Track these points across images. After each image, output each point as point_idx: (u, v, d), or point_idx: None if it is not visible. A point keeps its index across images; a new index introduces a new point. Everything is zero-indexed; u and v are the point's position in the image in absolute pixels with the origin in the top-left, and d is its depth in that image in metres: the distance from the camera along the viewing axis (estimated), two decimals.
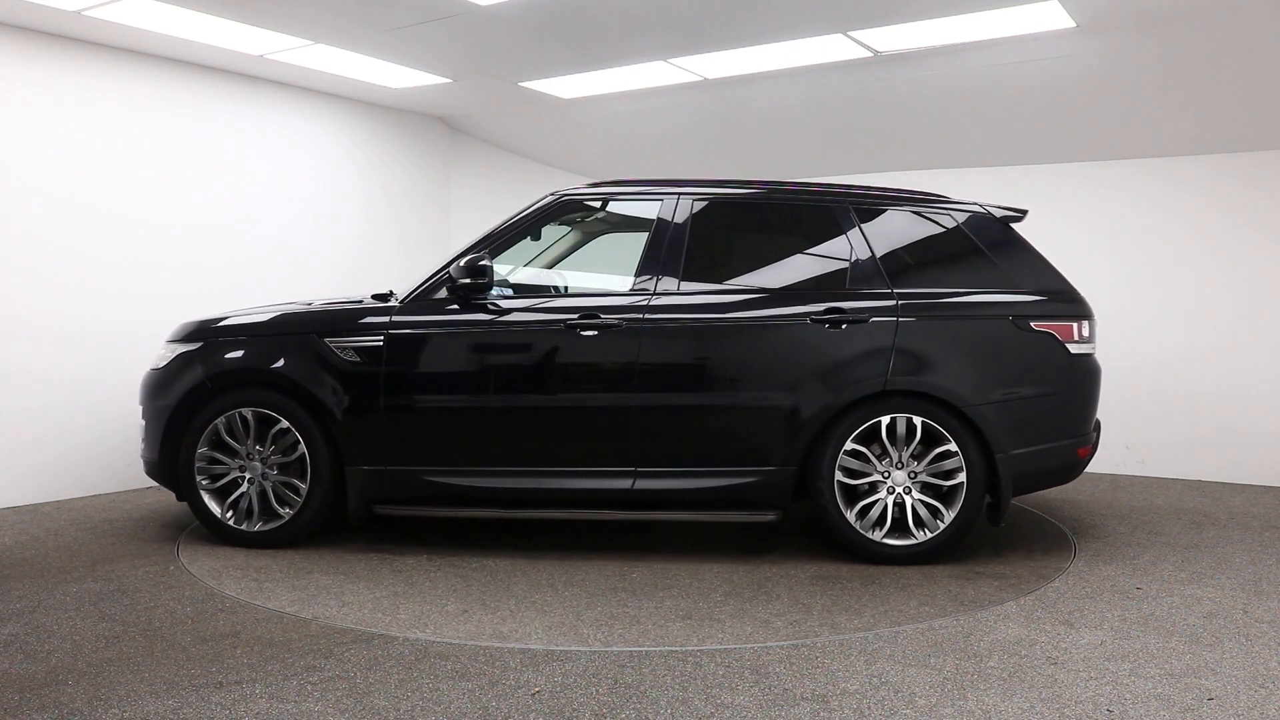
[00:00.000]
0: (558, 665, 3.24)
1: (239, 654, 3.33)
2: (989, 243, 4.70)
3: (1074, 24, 5.14)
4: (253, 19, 5.41)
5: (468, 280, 4.59)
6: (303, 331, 4.77)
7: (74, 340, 5.82)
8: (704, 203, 4.82)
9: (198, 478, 4.75)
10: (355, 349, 4.68)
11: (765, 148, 7.61)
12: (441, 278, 4.75)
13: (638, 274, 4.70)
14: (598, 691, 3.03)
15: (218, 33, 5.64)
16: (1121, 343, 6.48)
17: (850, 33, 5.39)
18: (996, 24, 5.17)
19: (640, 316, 4.57)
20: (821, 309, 4.55)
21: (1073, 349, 4.56)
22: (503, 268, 4.99)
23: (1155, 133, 6.48)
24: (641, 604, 3.92)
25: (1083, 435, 4.63)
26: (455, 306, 4.69)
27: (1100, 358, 4.80)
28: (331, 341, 4.70)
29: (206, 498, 4.76)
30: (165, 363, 4.90)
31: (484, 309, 4.67)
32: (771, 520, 4.57)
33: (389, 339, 4.67)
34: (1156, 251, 6.81)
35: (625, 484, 4.56)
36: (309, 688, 3.05)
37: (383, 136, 7.57)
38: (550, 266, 5.38)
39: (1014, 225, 4.82)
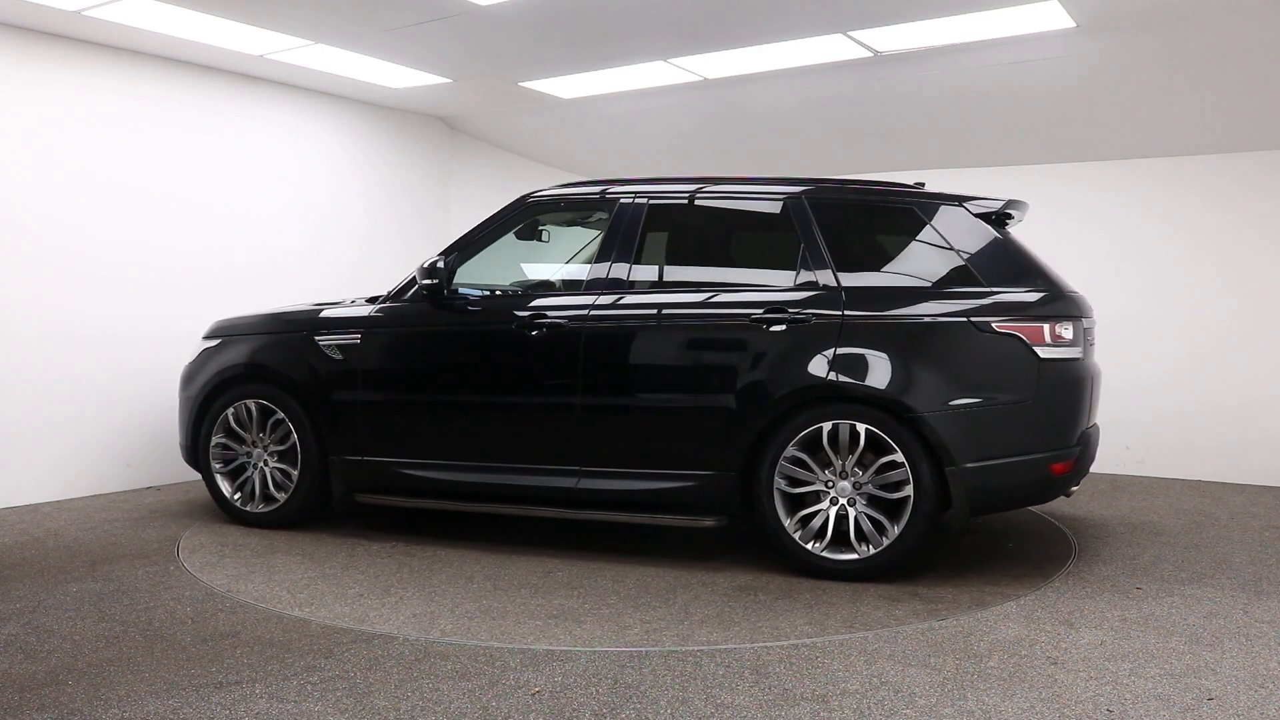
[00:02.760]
0: (558, 665, 3.24)
1: (239, 654, 3.33)
2: (957, 237, 4.33)
3: (1074, 24, 5.14)
4: (253, 19, 5.41)
5: (428, 281, 4.81)
6: (298, 330, 5.13)
7: (74, 341, 5.82)
8: (658, 201, 4.76)
9: (213, 462, 5.22)
10: (339, 347, 5.00)
11: (765, 148, 7.61)
12: (412, 279, 4.98)
13: (589, 274, 4.72)
14: (598, 691, 3.03)
15: (218, 33, 5.64)
16: (1121, 343, 6.48)
17: (850, 33, 5.39)
18: (996, 24, 5.17)
19: (585, 314, 4.58)
20: (763, 308, 4.35)
21: (1043, 353, 4.11)
22: (484, 268, 5.07)
23: (1155, 133, 6.48)
24: (526, 601, 3.96)
25: (1060, 449, 4.18)
26: (425, 306, 4.89)
27: (1100, 359, 4.78)
28: (320, 339, 5.04)
29: (220, 480, 5.23)
30: (194, 357, 5.40)
31: (449, 309, 4.86)
32: (711, 526, 4.41)
33: (364, 337, 4.96)
34: (1156, 251, 6.81)
35: (570, 483, 4.59)
36: (309, 688, 3.05)
37: (383, 136, 7.57)
38: (528, 266, 5.43)
39: (996, 217, 4.41)
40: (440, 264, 4.80)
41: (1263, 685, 3.09)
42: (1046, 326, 4.14)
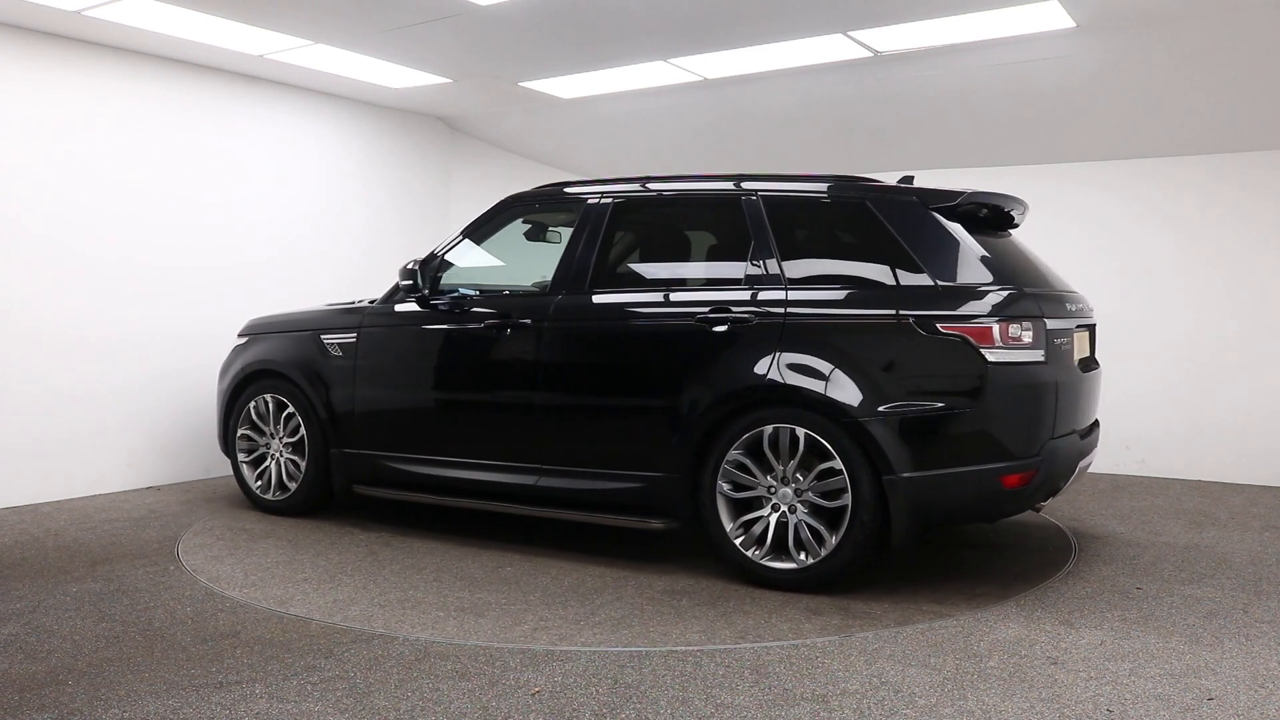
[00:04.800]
0: (558, 665, 3.24)
1: (239, 654, 3.33)
2: (911, 232, 4.08)
3: (1074, 24, 5.14)
4: (253, 19, 5.41)
5: (405, 283, 5.02)
6: (307, 329, 5.40)
7: (74, 340, 5.81)
8: (622, 201, 4.75)
9: (238, 452, 5.57)
10: (340, 345, 5.24)
11: (765, 148, 7.61)
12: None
13: (556, 274, 4.75)
14: (598, 691, 3.03)
15: (218, 33, 5.64)
16: (1121, 343, 6.48)
17: (850, 33, 5.39)
18: (996, 24, 5.17)
19: (545, 314, 4.63)
20: (708, 309, 4.28)
21: (991, 355, 3.81)
22: (470, 269, 5.20)
23: (1155, 133, 6.48)
24: (449, 594, 4.05)
25: (1013, 461, 3.86)
26: (411, 307, 5.07)
27: (1099, 359, 4.77)
28: (324, 338, 5.30)
29: (245, 468, 5.57)
30: (229, 353, 5.75)
31: (431, 309, 5.00)
32: (659, 528, 4.34)
33: (360, 335, 5.18)
34: (1156, 252, 6.81)
35: (530, 480, 4.64)
36: (309, 688, 3.05)
37: (383, 137, 7.57)
38: (510, 267, 5.48)
39: (983, 213, 4.20)
40: (417, 266, 4.97)
41: (1263, 685, 3.09)
42: (996, 327, 3.84)
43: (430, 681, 3.10)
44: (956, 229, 4.10)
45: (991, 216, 4.38)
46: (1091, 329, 4.65)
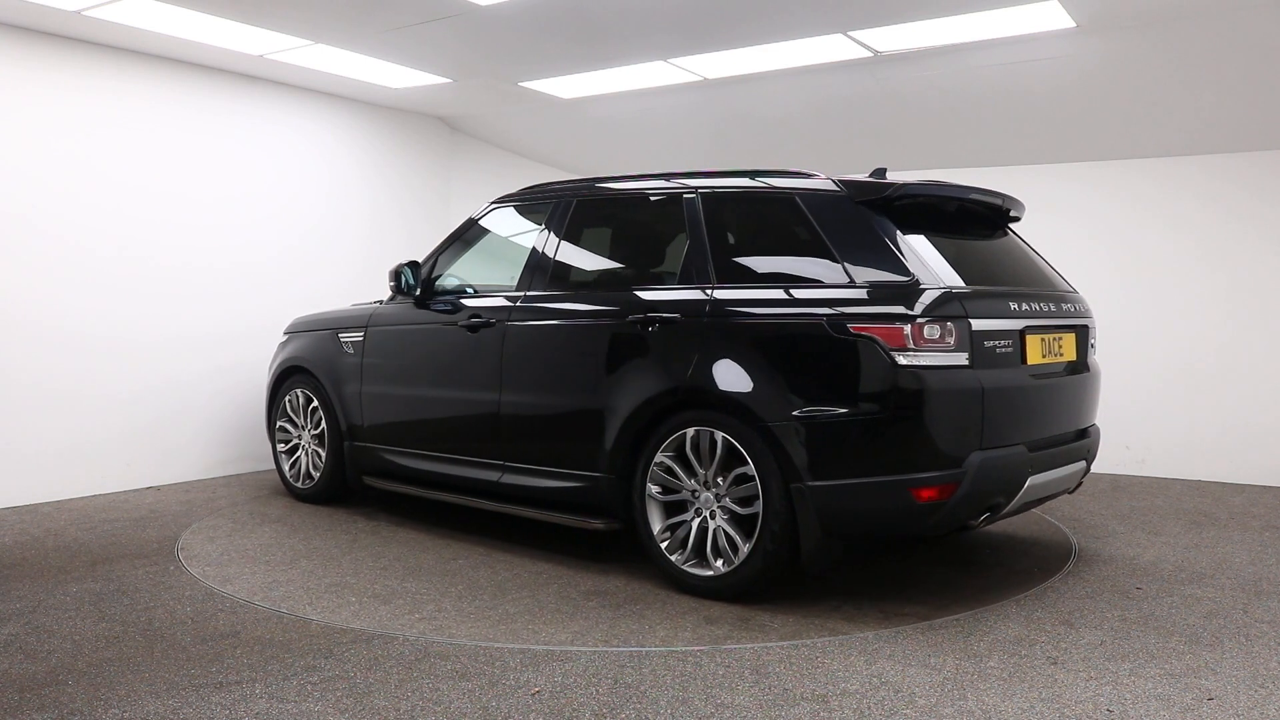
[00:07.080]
0: (558, 665, 3.24)
1: (239, 654, 3.33)
2: (834, 227, 3.88)
3: (1074, 24, 5.14)
4: (253, 19, 5.41)
5: (391, 284, 5.23)
6: (329, 328, 5.68)
7: (74, 340, 5.82)
8: (580, 201, 4.78)
9: (276, 442, 5.96)
10: (351, 343, 5.51)
11: (765, 148, 7.61)
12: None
13: (521, 275, 4.81)
14: (598, 691, 3.03)
15: (218, 33, 5.64)
16: (1121, 342, 6.48)
17: (850, 33, 5.39)
18: (996, 24, 5.17)
19: (509, 312, 4.72)
20: (641, 309, 4.22)
21: (902, 358, 3.56)
22: (462, 269, 5.29)
23: (1155, 133, 6.48)
24: (382, 582, 4.19)
25: (928, 472, 3.58)
26: (406, 306, 5.27)
27: (1099, 359, 4.76)
28: (341, 336, 5.57)
29: (282, 458, 5.96)
30: (276, 349, 6.10)
31: (423, 308, 5.16)
32: (600, 529, 4.30)
33: (366, 334, 5.43)
34: (1156, 251, 6.81)
35: (494, 476, 4.74)
36: (309, 688, 3.05)
37: (384, 137, 7.57)
38: (501, 266, 5.51)
39: (889, 207, 3.91)
40: (403, 268, 5.16)
41: (1263, 685, 3.09)
42: (908, 328, 3.57)
43: (430, 681, 3.10)
44: (884, 224, 3.85)
45: (986, 214, 4.34)
46: (1079, 330, 4.39)
